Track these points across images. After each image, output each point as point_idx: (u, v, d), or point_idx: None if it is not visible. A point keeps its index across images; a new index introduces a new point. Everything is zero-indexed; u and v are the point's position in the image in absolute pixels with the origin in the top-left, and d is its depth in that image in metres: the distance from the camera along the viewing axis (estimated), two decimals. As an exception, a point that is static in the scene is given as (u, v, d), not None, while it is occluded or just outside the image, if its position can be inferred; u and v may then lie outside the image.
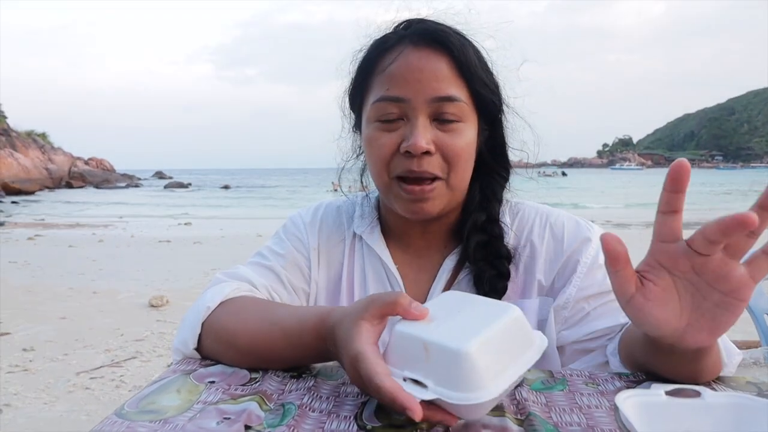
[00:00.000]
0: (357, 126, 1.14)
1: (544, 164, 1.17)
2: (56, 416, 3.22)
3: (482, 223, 1.07)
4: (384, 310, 0.72)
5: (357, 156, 1.18)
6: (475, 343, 0.64)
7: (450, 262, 1.10)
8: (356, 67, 1.07)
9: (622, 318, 0.98)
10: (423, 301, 0.88)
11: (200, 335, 0.92)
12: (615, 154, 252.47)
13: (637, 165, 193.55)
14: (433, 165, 0.97)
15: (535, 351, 0.72)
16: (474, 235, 1.06)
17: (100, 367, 4.00)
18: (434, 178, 0.99)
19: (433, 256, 1.13)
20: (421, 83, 0.96)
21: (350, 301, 1.14)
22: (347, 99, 1.14)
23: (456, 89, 0.98)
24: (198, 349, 0.93)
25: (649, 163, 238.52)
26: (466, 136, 0.99)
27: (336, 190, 1.27)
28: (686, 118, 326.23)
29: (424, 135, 0.95)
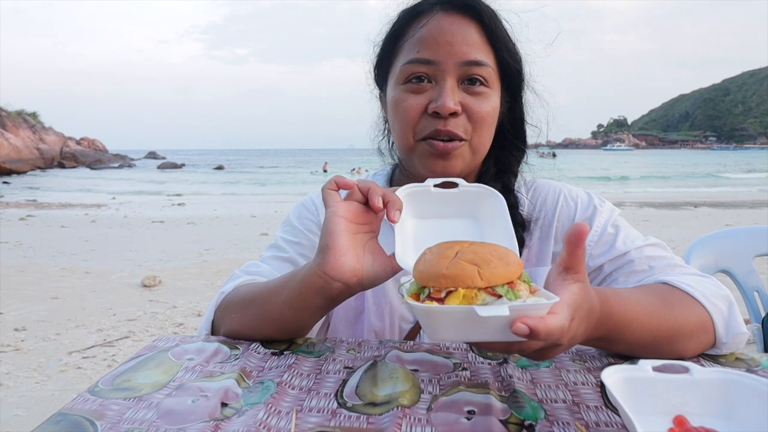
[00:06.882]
0: (382, 99, 1.14)
1: (538, 145, 1.18)
2: (48, 395, 3.22)
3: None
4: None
5: (384, 130, 1.18)
6: None
7: None
8: (385, 35, 1.08)
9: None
10: None
11: (216, 319, 0.98)
12: (609, 134, 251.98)
13: (627, 146, 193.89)
14: (458, 126, 0.99)
15: None
16: None
17: (93, 346, 3.99)
18: (459, 140, 1.00)
19: None
20: (452, 46, 0.98)
21: None
22: (373, 70, 1.14)
23: (484, 55, 1.00)
24: (215, 334, 0.98)
25: (643, 143, 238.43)
26: (491, 101, 1.01)
27: (326, 171, 1.25)
28: (681, 98, 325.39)
29: (452, 96, 0.97)
